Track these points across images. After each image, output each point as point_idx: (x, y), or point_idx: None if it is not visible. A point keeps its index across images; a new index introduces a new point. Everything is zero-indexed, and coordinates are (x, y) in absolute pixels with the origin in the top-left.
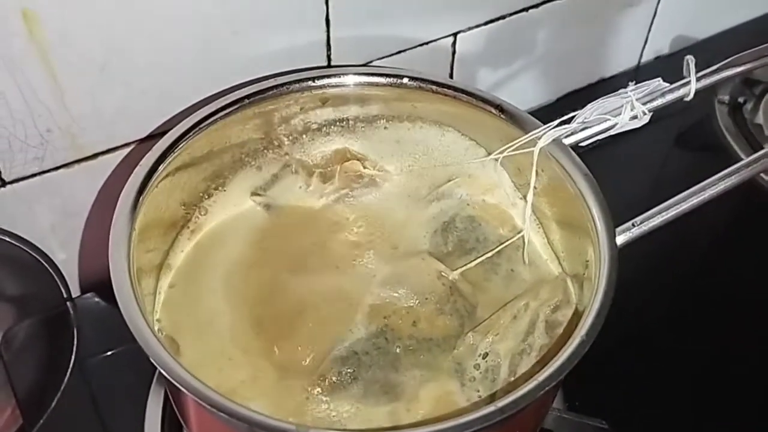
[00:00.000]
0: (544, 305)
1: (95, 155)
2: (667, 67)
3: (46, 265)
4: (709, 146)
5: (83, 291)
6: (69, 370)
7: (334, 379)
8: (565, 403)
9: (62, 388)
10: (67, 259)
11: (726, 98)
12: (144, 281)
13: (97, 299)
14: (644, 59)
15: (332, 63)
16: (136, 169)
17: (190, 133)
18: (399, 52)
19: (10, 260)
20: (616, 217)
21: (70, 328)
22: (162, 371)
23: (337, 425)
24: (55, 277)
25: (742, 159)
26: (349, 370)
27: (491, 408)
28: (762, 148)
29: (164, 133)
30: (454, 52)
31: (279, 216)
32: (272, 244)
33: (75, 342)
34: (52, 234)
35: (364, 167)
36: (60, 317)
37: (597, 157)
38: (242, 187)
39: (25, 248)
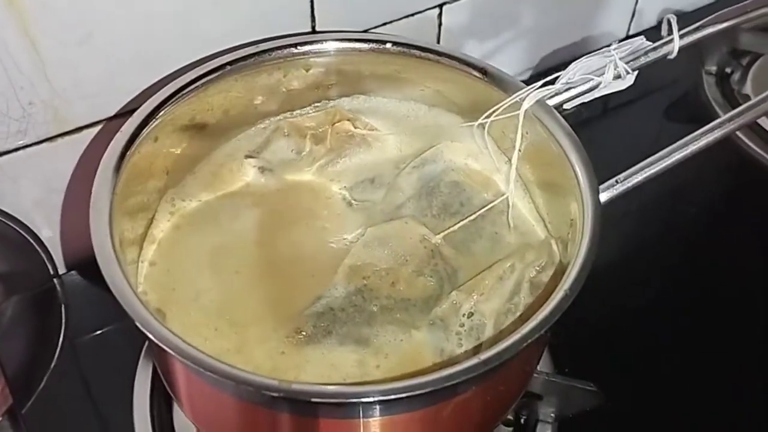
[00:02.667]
0: (529, 267)
1: (79, 129)
2: (656, 38)
3: (32, 241)
4: (697, 117)
5: (68, 269)
6: (58, 348)
7: (308, 332)
8: (554, 369)
9: (52, 366)
10: (53, 236)
11: (713, 69)
12: (128, 248)
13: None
14: (632, 31)
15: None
16: (117, 135)
17: (172, 100)
18: (384, 23)
19: None
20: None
21: (58, 305)
22: (144, 331)
23: (301, 369)
24: (41, 253)
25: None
26: (323, 324)
27: (474, 360)
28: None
29: None
30: (440, 24)
31: (266, 187)
32: (258, 216)
33: (63, 319)
34: (37, 210)
35: (356, 127)
36: (47, 294)
37: (587, 130)
38: (228, 157)
39: (10, 224)
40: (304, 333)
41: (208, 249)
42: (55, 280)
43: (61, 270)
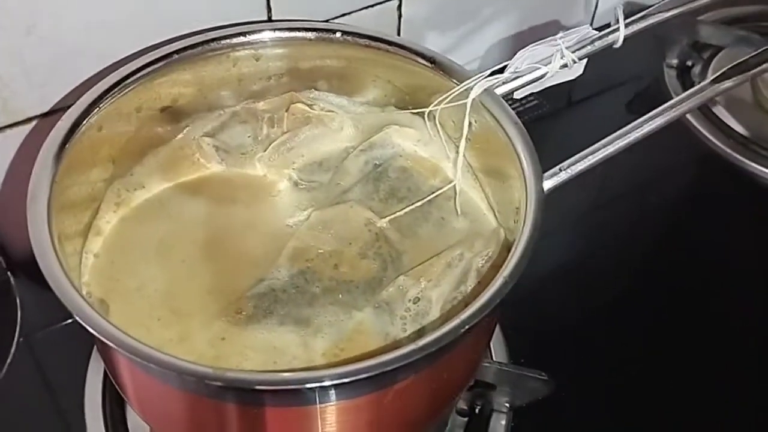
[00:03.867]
0: (477, 256)
1: (29, 119)
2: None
3: None
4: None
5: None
6: (14, 344)
7: (248, 312)
8: (510, 359)
9: (7, 363)
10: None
11: (674, 62)
12: (71, 240)
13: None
14: (595, 24)
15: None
16: (58, 123)
17: (116, 89)
18: (343, 14)
19: None
20: None
21: (13, 299)
22: (78, 320)
23: (244, 356)
24: None
25: (690, 121)
26: (264, 305)
27: (411, 346)
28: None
29: None
30: (400, 16)
31: (214, 174)
32: (205, 203)
33: (19, 314)
34: None
35: (312, 108)
36: (1, 288)
37: (551, 122)
38: (179, 145)
39: None
40: (244, 313)
41: (153, 239)
42: (9, 274)
43: None
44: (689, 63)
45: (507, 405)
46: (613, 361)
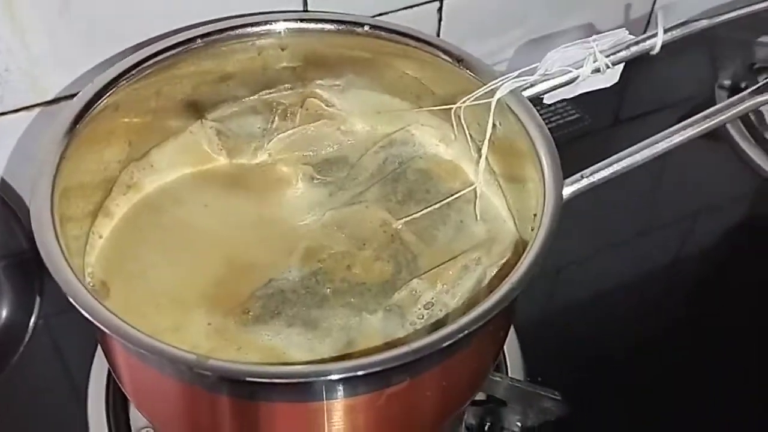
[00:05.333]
0: (494, 265)
1: (57, 100)
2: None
3: (5, 210)
4: (707, 133)
5: None
6: (31, 323)
7: (255, 312)
8: (526, 377)
9: (24, 342)
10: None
11: (727, 83)
12: (79, 220)
13: None
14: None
15: None
16: (74, 99)
17: (136, 69)
18: (380, 14)
19: None
20: None
21: (34, 277)
22: (70, 299)
23: (242, 351)
24: (15, 223)
25: (740, 145)
26: (272, 306)
27: (404, 348)
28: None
29: None
30: (440, 19)
31: (228, 165)
32: (218, 194)
33: (38, 293)
34: (12, 179)
35: (328, 105)
36: (22, 266)
37: (591, 141)
38: (196, 133)
39: None
40: (251, 313)
41: (162, 226)
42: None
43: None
44: (743, 85)
45: (518, 424)
46: (633, 390)
